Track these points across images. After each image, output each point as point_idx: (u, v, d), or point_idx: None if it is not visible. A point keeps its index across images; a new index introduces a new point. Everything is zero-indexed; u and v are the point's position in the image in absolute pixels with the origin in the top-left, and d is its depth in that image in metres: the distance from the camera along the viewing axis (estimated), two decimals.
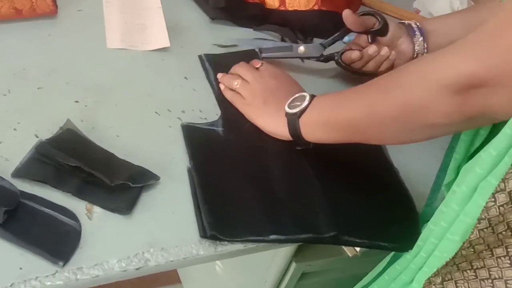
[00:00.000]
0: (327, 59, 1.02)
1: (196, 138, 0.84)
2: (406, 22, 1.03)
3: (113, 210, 0.72)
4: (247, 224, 0.73)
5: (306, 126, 0.79)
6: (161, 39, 1.03)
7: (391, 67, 1.00)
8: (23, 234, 0.66)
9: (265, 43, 1.07)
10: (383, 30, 1.00)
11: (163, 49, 1.02)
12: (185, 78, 0.96)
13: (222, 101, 0.92)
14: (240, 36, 1.09)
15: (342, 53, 1.00)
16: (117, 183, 0.72)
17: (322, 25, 1.13)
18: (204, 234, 0.71)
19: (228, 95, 0.92)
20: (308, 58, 1.03)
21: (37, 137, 0.79)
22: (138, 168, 0.77)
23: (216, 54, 1.02)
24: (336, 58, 1.01)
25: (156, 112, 0.89)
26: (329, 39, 1.02)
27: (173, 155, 0.82)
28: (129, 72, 0.95)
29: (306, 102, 0.79)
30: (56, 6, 1.04)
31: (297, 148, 0.83)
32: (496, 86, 0.57)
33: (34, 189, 0.72)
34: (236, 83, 0.90)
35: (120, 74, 0.94)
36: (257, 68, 0.92)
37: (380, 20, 1.00)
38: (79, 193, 0.72)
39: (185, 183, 0.78)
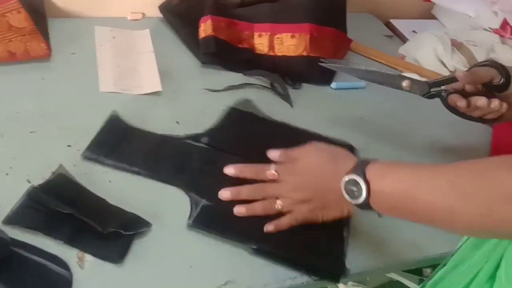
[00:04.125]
0: (432, 96, 0.93)
1: None
2: None
3: (104, 258, 0.70)
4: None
5: (377, 204, 0.68)
6: (153, 83, 1.03)
7: (499, 118, 0.91)
8: (13, 284, 0.64)
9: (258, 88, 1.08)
10: (504, 86, 0.89)
11: (155, 93, 1.02)
12: (177, 122, 0.96)
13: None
14: (230, 80, 1.09)
15: (450, 93, 0.90)
16: (110, 231, 0.70)
17: (310, 71, 1.14)
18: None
19: (283, 221, 0.78)
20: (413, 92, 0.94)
21: (29, 182, 0.78)
22: (130, 215, 0.76)
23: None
24: (443, 94, 0.91)
25: None
26: (435, 80, 0.93)
27: (165, 201, 0.81)
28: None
29: (363, 193, 0.68)
30: (50, 50, 1.04)
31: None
32: None
33: (25, 236, 0.70)
34: (278, 203, 0.78)
35: None
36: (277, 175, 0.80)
37: (503, 74, 0.89)
38: (71, 241, 0.70)
39: (177, 230, 0.77)
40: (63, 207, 0.71)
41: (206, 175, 0.85)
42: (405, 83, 0.93)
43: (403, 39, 1.44)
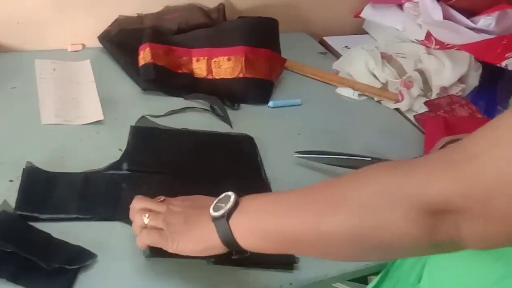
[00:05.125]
0: None
1: None
2: None
3: None
4: None
5: (239, 231, 0.62)
6: (95, 112, 1.02)
7: None
8: None
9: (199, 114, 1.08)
10: None
11: (98, 122, 1.01)
12: (120, 149, 0.95)
13: None
14: (171, 105, 1.09)
15: None
16: (54, 267, 0.69)
17: (248, 91, 1.15)
18: None
19: (143, 235, 0.70)
20: None
21: None
22: (75, 248, 0.74)
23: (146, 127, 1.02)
24: None
25: None
26: None
27: (109, 229, 0.80)
28: (64, 148, 0.93)
29: (231, 202, 0.64)
30: None
31: (233, 258, 0.67)
32: (468, 214, 0.47)
33: None
34: (147, 215, 0.70)
35: (55, 150, 0.92)
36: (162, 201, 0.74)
37: None
38: (15, 279, 0.68)
39: (121, 258, 0.75)
40: (5, 245, 0.69)
41: None
42: None
43: (337, 55, 1.46)
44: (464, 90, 1.32)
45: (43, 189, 0.83)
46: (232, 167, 0.96)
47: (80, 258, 0.72)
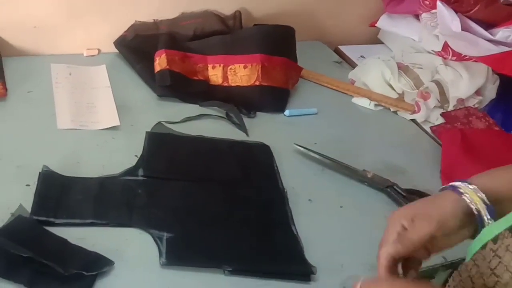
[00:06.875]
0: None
1: None
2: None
3: None
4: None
5: None
6: (111, 118, 1.02)
7: None
8: None
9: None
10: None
11: (113, 128, 1.01)
12: (136, 156, 0.95)
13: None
14: (186, 112, 1.09)
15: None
16: (71, 272, 0.69)
17: (264, 99, 1.15)
18: None
19: None
20: None
21: None
22: (92, 254, 0.74)
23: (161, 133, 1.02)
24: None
25: None
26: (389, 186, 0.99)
27: (125, 236, 0.79)
28: (80, 152, 0.93)
29: None
30: (6, 89, 1.02)
31: None
32: None
33: None
34: None
35: (71, 155, 0.92)
36: None
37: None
38: (32, 284, 0.68)
39: (139, 266, 0.75)
40: (22, 251, 0.69)
41: (157, 208, 0.84)
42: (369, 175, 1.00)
43: (352, 64, 1.46)
44: (481, 102, 1.31)
45: (58, 193, 0.83)
46: (248, 176, 0.95)
47: (97, 264, 0.72)
